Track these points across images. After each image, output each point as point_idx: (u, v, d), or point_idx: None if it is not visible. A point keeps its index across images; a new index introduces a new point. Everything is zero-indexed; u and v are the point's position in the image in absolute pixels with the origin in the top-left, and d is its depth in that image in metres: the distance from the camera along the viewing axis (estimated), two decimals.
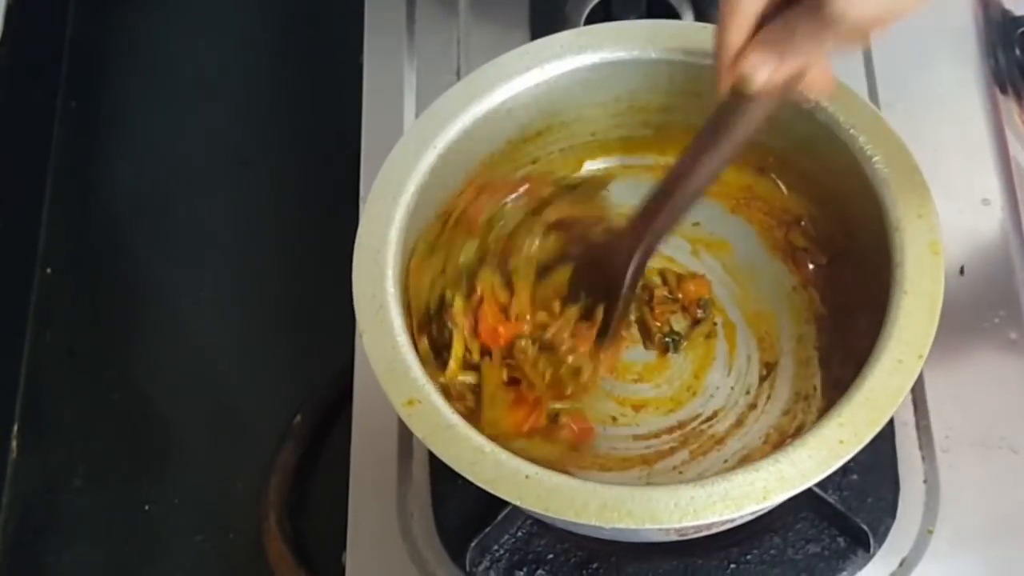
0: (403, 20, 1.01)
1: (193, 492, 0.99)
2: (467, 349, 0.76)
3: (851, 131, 0.75)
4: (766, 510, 0.70)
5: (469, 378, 0.76)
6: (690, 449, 0.79)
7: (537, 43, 0.81)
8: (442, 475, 0.81)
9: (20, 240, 1.09)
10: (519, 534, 0.80)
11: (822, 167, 0.79)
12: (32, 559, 0.98)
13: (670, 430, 0.79)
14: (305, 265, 1.04)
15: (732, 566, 0.78)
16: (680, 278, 0.83)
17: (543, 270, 0.78)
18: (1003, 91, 0.95)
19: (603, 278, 0.75)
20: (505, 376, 0.76)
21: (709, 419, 0.80)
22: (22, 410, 1.03)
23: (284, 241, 1.07)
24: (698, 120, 0.81)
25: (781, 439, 0.78)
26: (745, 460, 0.78)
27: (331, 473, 0.90)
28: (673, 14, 0.97)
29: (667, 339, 0.82)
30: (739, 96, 0.64)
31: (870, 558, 0.78)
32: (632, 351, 0.82)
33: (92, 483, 1.00)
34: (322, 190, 1.07)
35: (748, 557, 0.78)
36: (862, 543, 0.77)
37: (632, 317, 0.82)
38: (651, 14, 0.95)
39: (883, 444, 0.80)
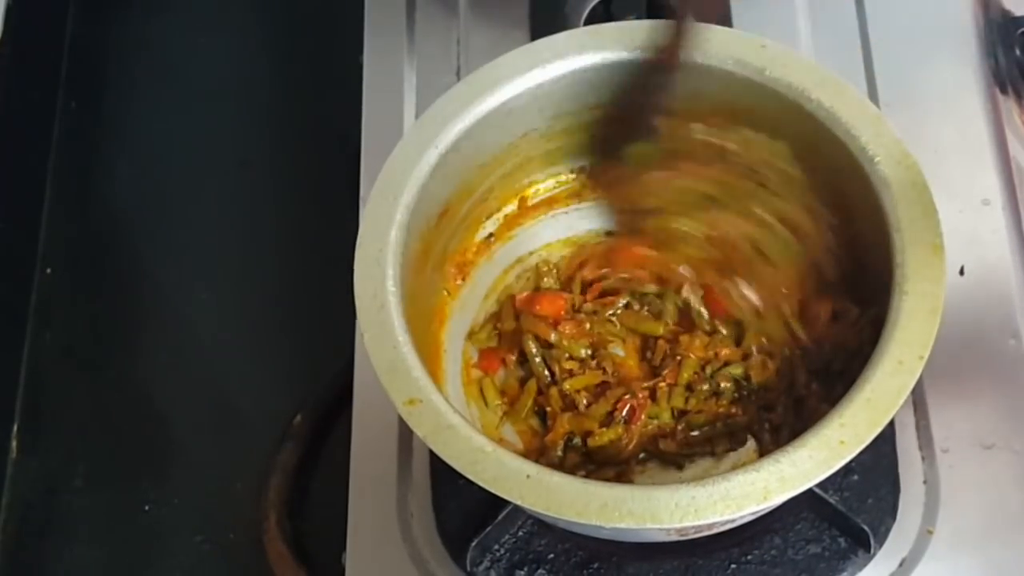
0: (403, 20, 1.01)
1: (193, 492, 0.99)
2: None
3: (851, 131, 0.75)
4: (767, 510, 0.70)
5: None
6: None
7: (538, 43, 0.81)
8: (443, 475, 0.81)
9: (20, 240, 1.09)
10: (520, 534, 0.80)
11: (822, 168, 0.79)
12: (32, 559, 0.98)
13: None
14: (305, 265, 1.04)
15: (733, 566, 0.78)
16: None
17: None
18: (1003, 91, 0.95)
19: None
20: None
21: None
22: (22, 410, 1.03)
23: (284, 241, 1.07)
24: (699, 120, 0.82)
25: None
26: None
27: (331, 473, 0.90)
28: (673, 14, 0.97)
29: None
30: None
31: (870, 558, 0.78)
32: None
33: (92, 483, 1.00)
34: (322, 190, 1.07)
35: (749, 557, 0.78)
36: (863, 543, 0.77)
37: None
38: (651, 14, 0.95)
39: (884, 444, 0.80)
